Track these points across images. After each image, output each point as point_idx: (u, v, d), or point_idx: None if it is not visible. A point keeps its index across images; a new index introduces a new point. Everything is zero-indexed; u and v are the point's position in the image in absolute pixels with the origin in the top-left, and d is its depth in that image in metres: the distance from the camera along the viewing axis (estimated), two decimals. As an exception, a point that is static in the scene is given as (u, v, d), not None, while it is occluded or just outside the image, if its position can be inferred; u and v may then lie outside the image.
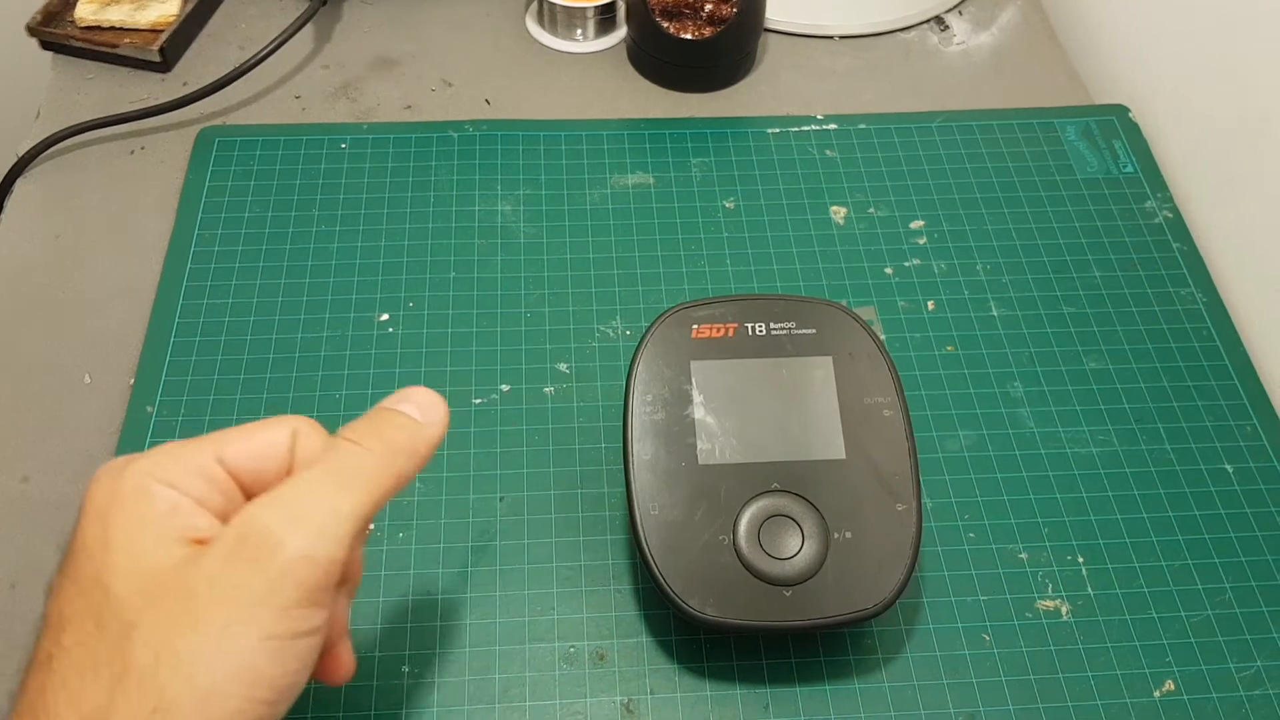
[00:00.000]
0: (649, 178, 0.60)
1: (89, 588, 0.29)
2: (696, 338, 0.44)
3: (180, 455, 0.31)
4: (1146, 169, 0.61)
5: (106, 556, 0.29)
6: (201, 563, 0.28)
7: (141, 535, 0.29)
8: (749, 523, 0.40)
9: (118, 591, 0.28)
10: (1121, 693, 0.43)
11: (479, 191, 0.59)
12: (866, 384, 0.43)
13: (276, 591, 0.28)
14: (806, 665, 0.43)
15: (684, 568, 0.40)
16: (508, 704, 0.42)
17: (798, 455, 0.42)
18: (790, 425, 0.42)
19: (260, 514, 0.29)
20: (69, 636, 0.28)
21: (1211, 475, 0.49)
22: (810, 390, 0.43)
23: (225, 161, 0.59)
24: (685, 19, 0.63)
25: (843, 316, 0.45)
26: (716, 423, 0.42)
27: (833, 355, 0.43)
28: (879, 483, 0.41)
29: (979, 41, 0.69)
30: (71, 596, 0.29)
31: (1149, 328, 0.54)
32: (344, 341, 0.52)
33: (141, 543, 0.29)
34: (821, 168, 0.60)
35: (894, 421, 0.42)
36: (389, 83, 0.65)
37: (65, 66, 0.65)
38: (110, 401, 0.50)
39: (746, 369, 0.43)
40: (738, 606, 0.39)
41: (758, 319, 0.44)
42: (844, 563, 0.40)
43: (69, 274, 0.55)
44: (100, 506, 0.30)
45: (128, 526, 0.29)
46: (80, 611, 0.28)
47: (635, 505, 0.41)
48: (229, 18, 0.68)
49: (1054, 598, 0.45)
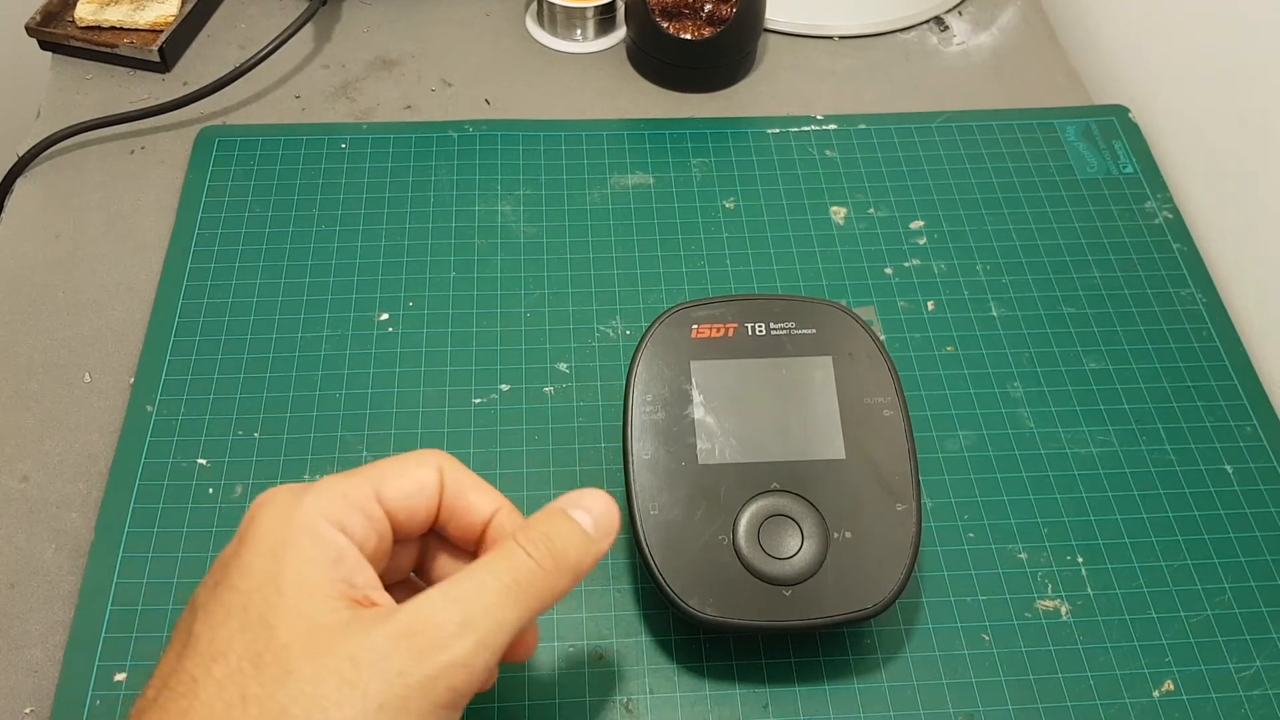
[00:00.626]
0: (649, 178, 0.60)
1: (253, 624, 0.29)
2: (696, 338, 0.44)
3: (347, 493, 0.32)
4: (1146, 169, 0.61)
5: (278, 599, 0.29)
6: (371, 635, 0.29)
7: (313, 585, 0.30)
8: (749, 522, 0.40)
9: (282, 636, 0.29)
10: (1121, 693, 0.43)
11: (479, 191, 0.59)
12: (866, 384, 0.43)
13: (430, 690, 0.29)
14: (806, 665, 0.43)
15: (683, 567, 0.40)
16: (506, 703, 0.42)
17: (797, 455, 0.42)
18: (790, 425, 0.42)
19: (437, 609, 0.30)
20: (221, 668, 0.28)
21: (1211, 476, 0.49)
22: (810, 390, 0.43)
23: (225, 161, 0.59)
24: (685, 19, 0.63)
25: (842, 316, 0.45)
26: (716, 422, 0.42)
27: (833, 355, 0.44)
28: (879, 483, 0.41)
29: (979, 42, 0.69)
30: (233, 630, 0.29)
31: (1149, 328, 0.54)
32: (344, 341, 0.52)
33: (312, 593, 0.30)
34: (821, 168, 0.60)
35: (894, 421, 0.42)
36: (389, 83, 0.65)
37: (65, 66, 0.65)
38: (110, 401, 0.50)
39: (746, 369, 0.43)
40: (737, 606, 0.39)
41: (758, 319, 0.44)
42: (843, 562, 0.40)
43: (69, 274, 0.55)
44: (272, 542, 0.30)
45: (299, 571, 0.30)
46: (240, 647, 0.29)
47: (635, 505, 0.41)
48: (229, 18, 0.68)
49: (1053, 598, 0.45)
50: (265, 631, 0.29)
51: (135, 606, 0.44)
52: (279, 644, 0.28)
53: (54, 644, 0.43)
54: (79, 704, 0.41)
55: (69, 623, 0.44)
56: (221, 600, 0.30)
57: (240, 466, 0.48)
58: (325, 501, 0.31)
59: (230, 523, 0.46)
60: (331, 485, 0.32)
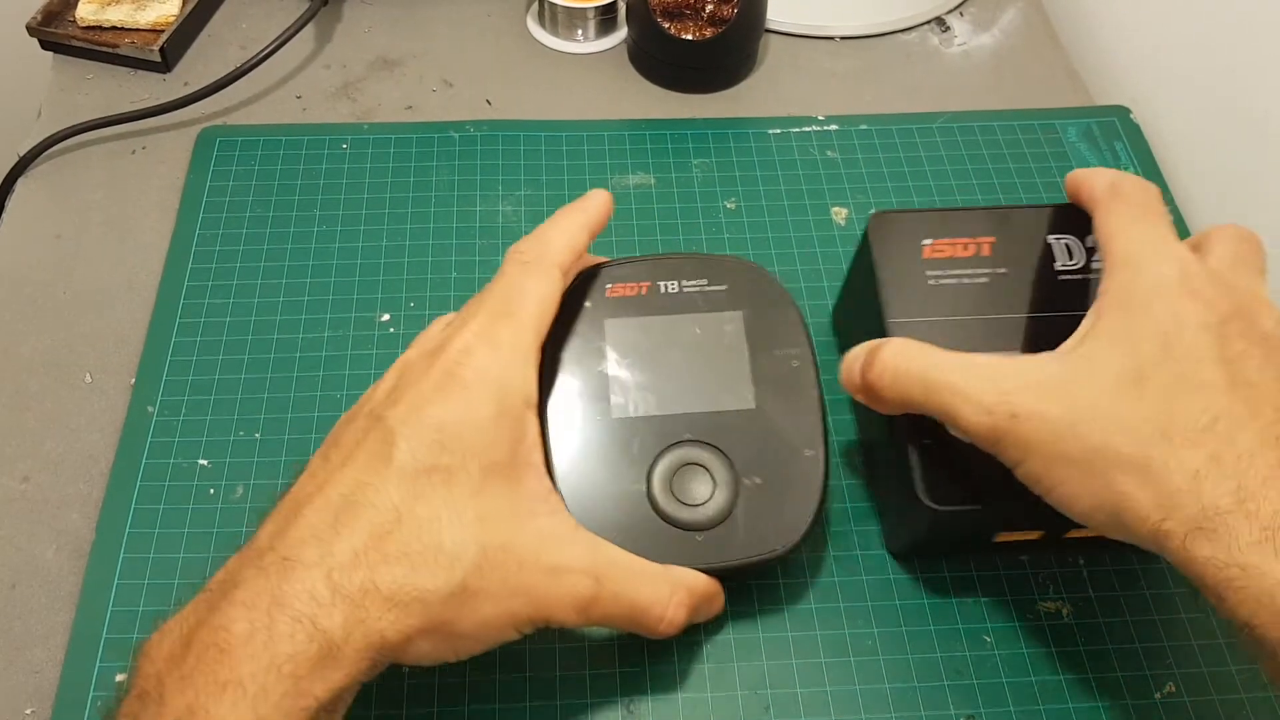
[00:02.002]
0: (650, 178, 0.60)
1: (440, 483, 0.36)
2: (610, 296, 0.45)
3: (530, 357, 0.40)
4: (1147, 170, 0.61)
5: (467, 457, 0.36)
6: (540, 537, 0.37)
7: (507, 436, 0.38)
8: (662, 472, 0.42)
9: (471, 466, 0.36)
10: (1123, 694, 0.43)
11: (480, 192, 0.59)
12: (777, 337, 0.44)
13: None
14: (807, 667, 0.43)
15: (599, 517, 0.40)
16: (507, 704, 0.42)
17: (709, 406, 0.43)
18: (701, 378, 0.43)
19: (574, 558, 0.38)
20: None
21: (1213, 477, 0.49)
22: (721, 344, 0.44)
23: (226, 161, 0.59)
24: (686, 19, 0.63)
25: (755, 272, 0.46)
26: (629, 378, 0.43)
27: (744, 310, 0.45)
28: (788, 430, 0.42)
29: (980, 42, 0.69)
30: (405, 495, 0.35)
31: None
32: (345, 341, 0.52)
33: (504, 442, 0.38)
34: (823, 168, 0.60)
35: (803, 371, 0.43)
36: (390, 83, 0.65)
37: (65, 66, 0.65)
38: (111, 401, 0.50)
39: (658, 325, 0.44)
40: (651, 551, 0.40)
41: (670, 277, 0.46)
42: (754, 507, 0.41)
43: (69, 274, 0.55)
44: (459, 400, 0.37)
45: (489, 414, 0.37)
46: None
47: (551, 461, 0.41)
48: (229, 18, 0.68)
49: (1055, 599, 0.45)
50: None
51: (136, 607, 0.44)
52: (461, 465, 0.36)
53: (55, 645, 0.43)
54: (80, 705, 0.41)
55: (70, 623, 0.43)
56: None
57: (241, 467, 0.48)
58: (511, 374, 0.38)
59: (231, 523, 0.46)
60: (509, 347, 0.38)
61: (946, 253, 0.45)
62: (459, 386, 0.36)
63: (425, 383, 0.37)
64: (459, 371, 0.37)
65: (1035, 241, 0.45)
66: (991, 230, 0.45)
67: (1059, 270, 0.44)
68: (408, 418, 0.36)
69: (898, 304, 0.44)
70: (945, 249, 0.45)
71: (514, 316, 0.39)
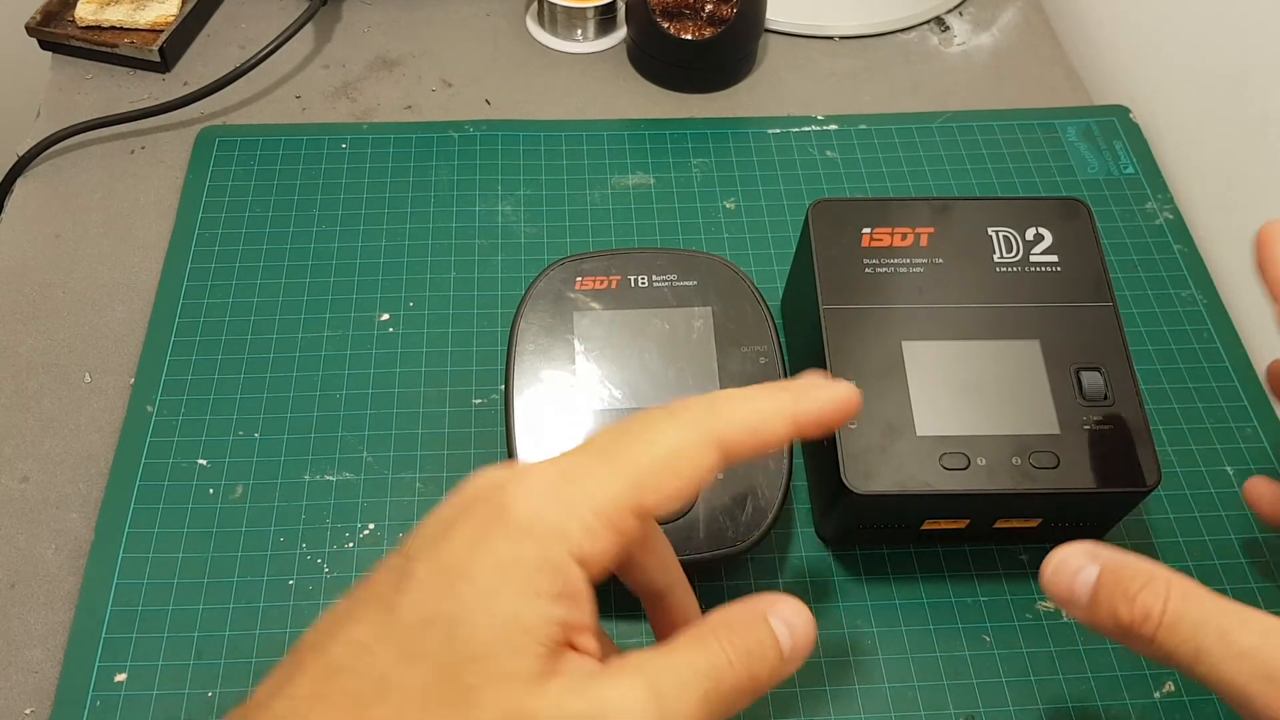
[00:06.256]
0: (649, 178, 0.60)
1: (434, 651, 0.24)
2: (580, 289, 0.45)
3: (602, 508, 0.26)
4: (1147, 170, 0.61)
5: (469, 645, 0.25)
6: (550, 696, 0.25)
7: (522, 637, 0.25)
8: None
9: (469, 678, 0.24)
10: (1122, 694, 0.43)
11: (479, 192, 0.59)
12: (745, 333, 0.45)
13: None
14: (807, 666, 0.43)
15: None
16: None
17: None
18: (668, 372, 0.44)
19: (636, 703, 0.25)
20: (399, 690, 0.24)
21: (1211, 476, 0.49)
22: (689, 339, 0.45)
23: (225, 161, 0.59)
24: (685, 19, 0.63)
25: (724, 269, 0.46)
26: (596, 371, 0.44)
27: (713, 306, 0.45)
28: None
29: (979, 42, 0.69)
30: (397, 656, 0.24)
31: (1149, 329, 0.54)
32: (344, 341, 0.52)
33: (517, 638, 0.25)
34: (822, 168, 0.60)
35: (769, 368, 0.44)
36: (389, 83, 0.65)
37: (65, 66, 0.65)
38: (110, 401, 0.50)
39: (627, 319, 0.45)
40: None
41: (640, 271, 0.46)
42: (715, 503, 0.42)
43: (69, 273, 0.55)
44: (491, 564, 0.25)
45: (508, 613, 0.25)
46: (413, 678, 0.24)
47: (517, 453, 0.41)
48: (229, 18, 0.68)
49: (1054, 599, 0.45)
50: (449, 655, 0.25)
51: (135, 607, 0.44)
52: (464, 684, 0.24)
53: (54, 644, 0.43)
54: (79, 704, 0.41)
55: (69, 623, 0.43)
56: (400, 613, 0.25)
57: (240, 467, 0.48)
58: (571, 526, 0.26)
59: (230, 523, 0.46)
60: (580, 489, 0.26)
61: (885, 241, 0.45)
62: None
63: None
64: None
65: (975, 233, 0.46)
66: (931, 221, 0.46)
67: (997, 263, 0.45)
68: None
69: (832, 290, 0.44)
70: (884, 238, 0.45)
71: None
